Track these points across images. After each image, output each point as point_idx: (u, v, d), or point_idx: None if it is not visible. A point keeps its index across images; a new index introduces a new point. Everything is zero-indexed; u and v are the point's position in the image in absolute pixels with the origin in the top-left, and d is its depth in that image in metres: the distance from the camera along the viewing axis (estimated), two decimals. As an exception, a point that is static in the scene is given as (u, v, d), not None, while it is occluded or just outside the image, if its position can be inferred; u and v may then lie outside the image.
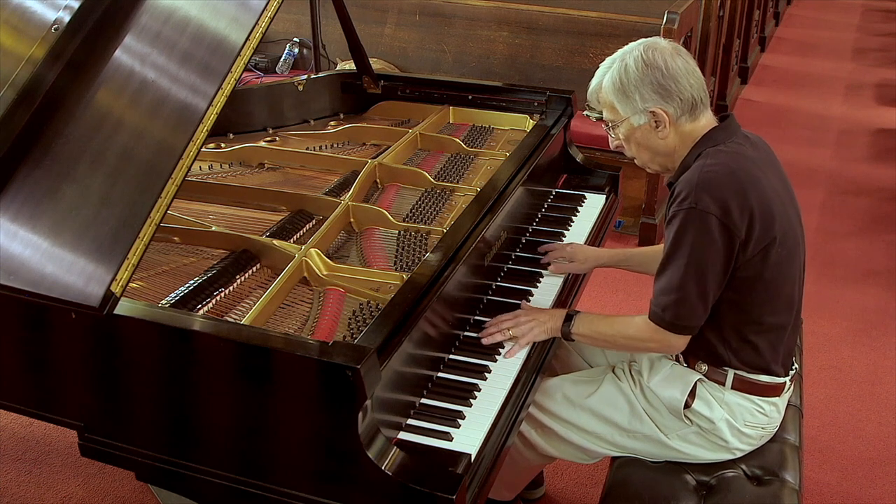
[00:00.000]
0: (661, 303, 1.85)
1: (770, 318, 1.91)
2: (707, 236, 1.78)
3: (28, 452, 2.75)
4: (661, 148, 1.93)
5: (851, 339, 3.44)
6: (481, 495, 1.65)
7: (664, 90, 1.86)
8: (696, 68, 1.89)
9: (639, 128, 1.92)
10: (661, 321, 1.86)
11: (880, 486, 2.69)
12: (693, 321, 1.85)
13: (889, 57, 7.19)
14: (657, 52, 1.86)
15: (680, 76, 1.85)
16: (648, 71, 1.85)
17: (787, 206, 1.91)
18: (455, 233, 1.98)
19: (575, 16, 4.19)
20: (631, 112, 1.90)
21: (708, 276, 1.81)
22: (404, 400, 1.73)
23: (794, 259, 1.92)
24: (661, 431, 1.99)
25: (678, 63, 1.86)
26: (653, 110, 1.87)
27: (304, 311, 1.87)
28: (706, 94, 1.91)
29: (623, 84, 1.88)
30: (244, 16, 1.84)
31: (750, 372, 1.94)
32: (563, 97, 2.70)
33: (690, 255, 1.80)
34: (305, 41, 5.19)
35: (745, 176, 1.82)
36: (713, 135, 1.90)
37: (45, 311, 1.67)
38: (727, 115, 1.96)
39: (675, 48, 1.89)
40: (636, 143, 1.96)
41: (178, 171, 1.68)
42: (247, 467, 1.63)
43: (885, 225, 4.38)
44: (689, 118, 1.89)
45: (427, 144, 2.67)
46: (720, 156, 1.85)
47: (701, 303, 1.83)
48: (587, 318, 2.00)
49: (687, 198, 1.80)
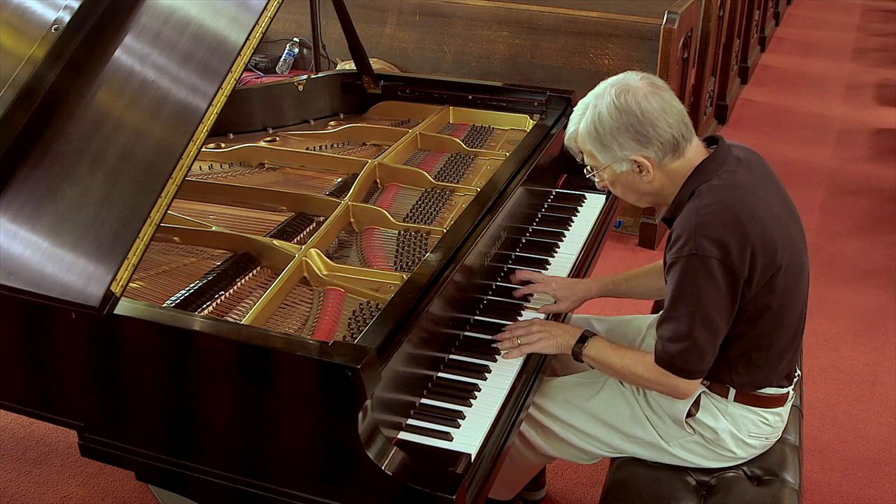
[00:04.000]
0: (669, 350, 1.80)
1: (777, 342, 1.88)
2: (711, 280, 1.74)
3: (28, 452, 2.75)
4: (649, 189, 1.88)
5: (851, 339, 3.44)
6: (481, 495, 1.65)
7: (642, 136, 1.78)
8: (672, 103, 1.80)
9: (622, 174, 1.85)
10: (671, 367, 1.81)
11: (880, 486, 2.69)
12: (703, 365, 1.81)
13: (889, 57, 7.19)
14: (629, 96, 1.77)
15: (656, 118, 1.77)
16: (623, 118, 1.77)
17: (789, 225, 1.86)
18: (455, 233, 1.98)
19: (575, 16, 4.19)
20: (611, 160, 1.83)
21: (715, 320, 1.77)
22: (404, 400, 1.73)
23: (800, 279, 1.89)
24: (661, 438, 1.98)
25: (652, 104, 1.77)
26: (633, 158, 1.81)
27: (304, 311, 1.87)
28: (688, 126, 1.82)
29: (599, 133, 1.80)
30: (244, 16, 1.84)
31: (753, 389, 1.92)
32: (563, 97, 2.70)
33: (696, 301, 1.75)
34: (305, 41, 5.19)
35: (741, 211, 1.76)
36: (704, 168, 1.82)
37: (45, 311, 1.67)
38: (715, 138, 1.89)
39: (650, 83, 1.81)
40: (622, 186, 1.90)
41: (178, 170, 1.68)
42: (247, 467, 1.63)
43: (885, 225, 4.37)
44: (673, 157, 1.81)
45: (427, 144, 2.67)
46: (714, 193, 1.78)
47: (710, 347, 1.79)
48: (600, 345, 1.94)
49: (686, 244, 1.74)
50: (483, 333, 2.00)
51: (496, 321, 2.04)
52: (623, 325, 2.28)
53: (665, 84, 1.84)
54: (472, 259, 1.99)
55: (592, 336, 1.96)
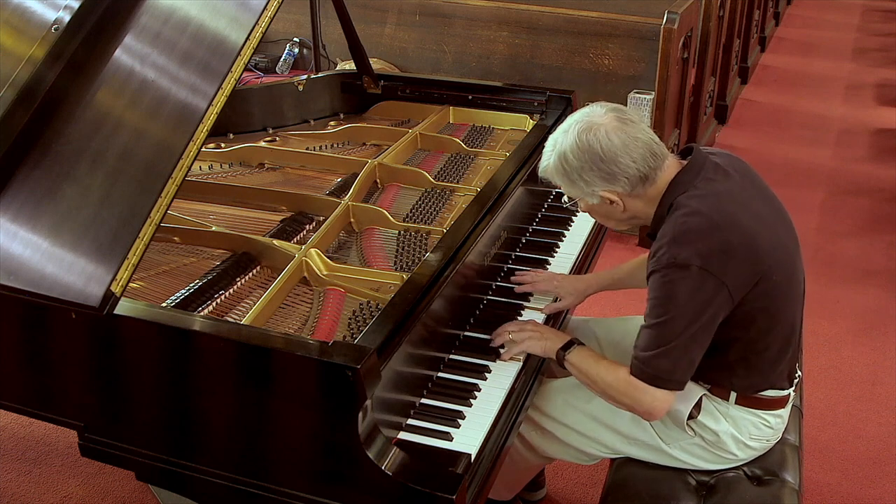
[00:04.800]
0: (641, 357, 1.76)
1: (775, 344, 1.87)
2: (690, 288, 1.72)
3: (28, 452, 2.75)
4: (625, 217, 1.88)
5: (851, 339, 3.44)
6: (481, 495, 1.65)
7: (607, 174, 1.78)
8: (637, 136, 1.77)
9: (595, 205, 1.87)
10: (642, 374, 1.76)
11: (880, 486, 2.69)
12: (674, 375, 1.76)
13: (889, 57, 7.19)
14: (591, 135, 1.76)
15: (619, 155, 1.76)
16: (586, 157, 1.77)
17: (776, 228, 1.85)
18: (455, 233, 1.98)
19: (575, 16, 4.19)
20: (582, 195, 1.85)
21: (691, 329, 1.73)
22: (404, 400, 1.73)
23: (793, 280, 1.88)
24: (662, 440, 1.97)
25: (614, 141, 1.75)
26: (601, 194, 1.81)
27: (304, 311, 1.87)
28: (655, 156, 1.79)
29: (566, 171, 1.81)
30: (244, 16, 1.84)
31: (754, 391, 1.92)
32: (563, 97, 2.70)
33: (674, 309, 1.73)
34: (305, 41, 5.19)
35: (720, 217, 1.75)
36: (680, 179, 1.81)
37: (45, 311, 1.67)
38: (689, 148, 1.87)
39: (616, 118, 1.78)
40: (598, 215, 1.92)
41: (178, 170, 1.68)
42: (247, 467, 1.63)
43: (885, 225, 4.37)
44: (644, 186, 1.80)
45: (427, 144, 2.67)
46: (692, 202, 1.77)
47: (684, 356, 1.75)
48: (583, 353, 1.92)
49: (665, 253, 1.73)
50: (483, 333, 2.00)
51: (496, 321, 2.04)
52: (622, 325, 2.28)
53: (632, 116, 1.82)
54: (472, 259, 1.99)
55: (580, 345, 1.94)
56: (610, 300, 3.49)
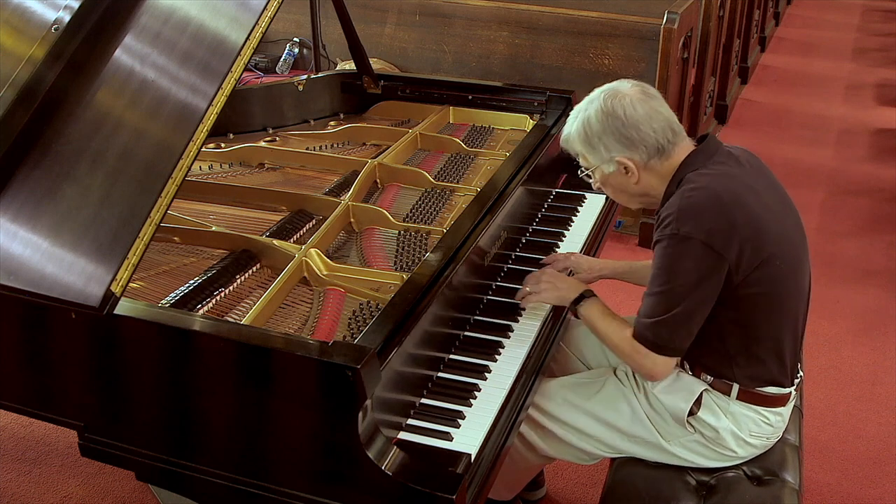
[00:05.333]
0: (642, 324, 1.85)
1: (777, 334, 1.89)
2: (691, 260, 1.77)
3: (28, 452, 2.75)
4: (637, 190, 1.93)
5: (851, 339, 3.44)
6: (481, 495, 1.65)
7: (626, 139, 1.85)
8: (660, 110, 1.86)
9: (611, 174, 1.92)
10: (643, 340, 1.85)
11: (880, 486, 2.69)
12: (673, 343, 1.83)
13: (889, 57, 7.19)
14: (616, 101, 1.85)
15: (641, 123, 1.84)
16: (609, 121, 1.85)
17: (784, 218, 1.89)
18: (455, 233, 1.98)
19: (575, 16, 4.19)
20: (599, 161, 1.91)
21: (691, 300, 1.79)
22: (404, 400, 1.73)
23: (797, 272, 1.90)
24: (662, 437, 1.98)
25: (638, 110, 1.84)
26: (618, 160, 1.87)
27: (304, 311, 1.87)
28: (674, 131, 1.87)
29: (588, 135, 1.88)
30: (244, 16, 1.84)
31: (756, 385, 1.93)
32: (563, 97, 2.70)
33: (674, 279, 1.79)
34: (305, 41, 5.19)
35: (728, 196, 1.80)
36: (691, 160, 1.87)
37: (45, 311, 1.67)
38: (705, 135, 1.93)
39: (641, 91, 1.87)
40: (611, 187, 1.97)
41: (178, 170, 1.68)
42: (247, 467, 1.63)
43: (885, 225, 4.37)
44: (659, 159, 1.87)
45: (427, 144, 2.67)
46: (702, 179, 1.83)
47: (683, 326, 1.82)
48: (595, 307, 1.99)
49: (670, 224, 1.79)
50: (483, 333, 2.00)
51: (496, 321, 2.04)
52: None
53: (657, 93, 1.90)
54: (473, 259, 1.99)
55: (592, 296, 2.01)
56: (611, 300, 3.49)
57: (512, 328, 2.03)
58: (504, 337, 2.00)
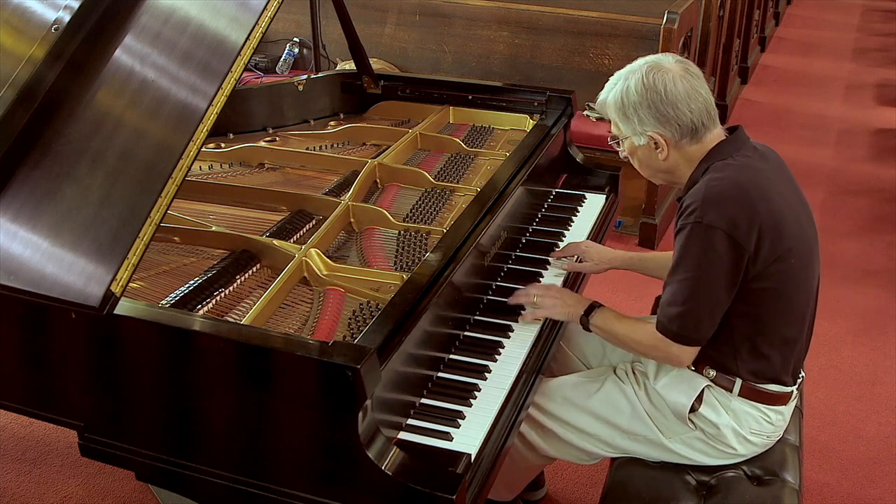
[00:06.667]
0: (666, 314, 1.85)
1: (783, 331, 1.90)
2: (713, 251, 1.78)
3: (28, 452, 2.75)
4: (663, 167, 1.94)
5: (851, 339, 3.44)
6: (481, 495, 1.65)
7: (661, 115, 1.85)
8: (700, 90, 1.86)
9: (640, 147, 1.92)
10: (667, 332, 1.86)
11: (880, 486, 2.69)
12: (699, 333, 1.85)
13: (889, 57, 7.19)
14: (658, 76, 1.84)
15: (679, 102, 1.83)
16: (647, 94, 1.84)
17: (801, 217, 1.90)
18: (455, 233, 1.98)
19: (575, 16, 4.19)
20: (631, 132, 1.91)
21: (714, 290, 1.81)
22: (404, 400, 1.73)
23: (809, 270, 1.91)
24: (662, 434, 1.98)
25: (679, 87, 1.83)
26: (650, 134, 1.87)
27: (304, 311, 1.87)
28: (710, 115, 1.87)
29: (624, 105, 1.88)
30: (244, 16, 1.84)
31: (759, 382, 1.93)
32: (563, 97, 2.70)
33: (697, 268, 1.80)
34: (305, 41, 5.18)
35: (753, 188, 1.81)
36: (720, 148, 1.88)
37: (45, 311, 1.67)
38: (736, 126, 1.94)
39: (683, 68, 1.87)
40: (638, 160, 1.97)
41: (178, 170, 1.68)
42: (247, 467, 1.63)
43: (885, 225, 4.37)
44: (690, 141, 1.88)
45: (427, 144, 2.67)
46: (728, 169, 1.84)
47: (707, 316, 1.83)
48: (606, 315, 2.00)
49: (694, 212, 1.79)
50: (483, 333, 2.00)
51: (496, 321, 2.04)
52: None
53: (699, 72, 1.90)
54: (472, 259, 1.99)
55: (600, 307, 2.01)
56: (610, 299, 3.49)
57: (512, 328, 2.03)
58: (504, 337, 2.00)
